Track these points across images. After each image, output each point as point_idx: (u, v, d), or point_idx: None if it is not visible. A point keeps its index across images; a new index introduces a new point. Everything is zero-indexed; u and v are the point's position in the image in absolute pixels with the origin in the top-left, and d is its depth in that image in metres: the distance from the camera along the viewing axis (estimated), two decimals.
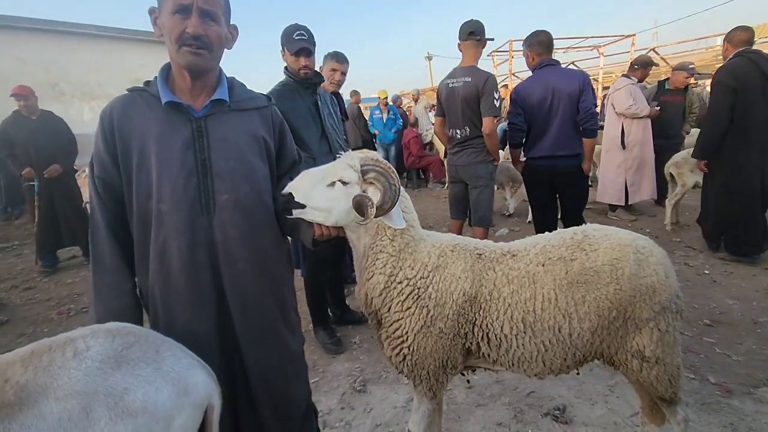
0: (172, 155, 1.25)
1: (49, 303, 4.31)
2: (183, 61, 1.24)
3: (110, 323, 1.17)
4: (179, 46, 1.22)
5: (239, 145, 1.34)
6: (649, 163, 5.32)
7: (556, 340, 1.40)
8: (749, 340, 2.77)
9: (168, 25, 1.21)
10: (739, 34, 3.89)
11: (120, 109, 1.28)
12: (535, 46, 3.42)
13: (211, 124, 1.30)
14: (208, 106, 1.31)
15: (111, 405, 1.05)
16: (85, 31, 10.52)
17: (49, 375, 1.00)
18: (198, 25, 1.19)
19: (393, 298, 1.43)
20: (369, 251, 1.42)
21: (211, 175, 1.28)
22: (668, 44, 11.97)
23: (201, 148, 1.28)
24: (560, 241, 1.49)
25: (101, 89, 10.95)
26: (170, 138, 1.26)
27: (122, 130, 1.26)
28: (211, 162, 1.28)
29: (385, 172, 1.33)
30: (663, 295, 1.37)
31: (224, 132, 1.31)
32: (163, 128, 1.26)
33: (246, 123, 1.37)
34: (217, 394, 1.37)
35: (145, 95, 1.30)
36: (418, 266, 1.42)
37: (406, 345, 1.44)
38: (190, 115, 1.29)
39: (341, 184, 1.32)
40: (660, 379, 1.42)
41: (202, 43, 1.22)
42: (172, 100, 1.27)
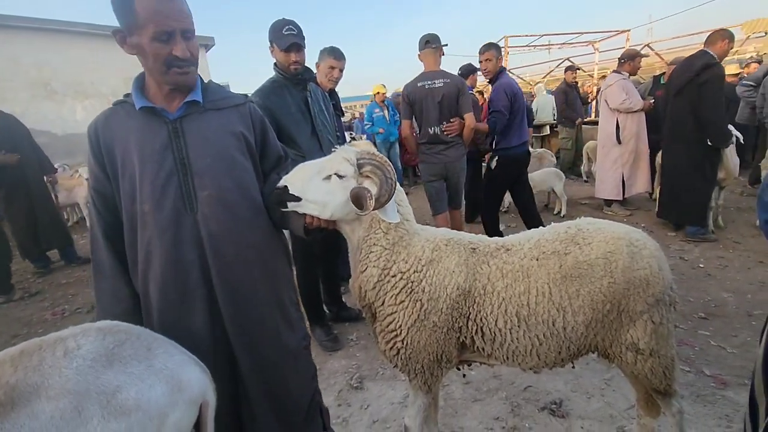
0: (151, 157, 1.29)
1: (42, 304, 4.28)
2: (172, 82, 1.28)
3: (101, 321, 1.16)
4: (167, 68, 1.25)
5: (217, 142, 1.36)
6: (644, 157, 5.36)
7: (550, 333, 1.40)
8: (744, 332, 2.79)
9: (150, 50, 1.23)
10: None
11: (103, 122, 1.35)
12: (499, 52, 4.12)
13: (186, 124, 1.33)
14: (182, 108, 1.34)
15: (103, 403, 1.04)
16: (78, 29, 10.40)
17: (39, 374, 0.99)
18: (184, 49, 1.24)
19: (387, 292, 1.43)
20: (363, 244, 1.43)
21: (191, 173, 1.32)
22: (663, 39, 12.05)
23: (179, 148, 1.31)
24: (554, 235, 1.49)
25: (94, 88, 10.86)
26: (148, 141, 1.30)
27: (106, 141, 1.32)
28: (190, 160, 1.32)
29: (382, 165, 1.35)
30: (656, 288, 1.37)
31: (200, 131, 1.34)
32: (141, 133, 1.31)
33: (223, 121, 1.39)
34: (211, 391, 1.36)
35: (126, 106, 1.35)
36: (411, 260, 1.42)
37: (399, 339, 1.44)
38: (165, 118, 1.32)
39: (337, 178, 1.34)
40: (654, 371, 1.43)
41: (190, 63, 1.28)
42: (146, 104, 1.30)
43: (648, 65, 10.07)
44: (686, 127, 4.36)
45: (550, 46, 11.32)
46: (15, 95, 9.58)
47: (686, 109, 4.32)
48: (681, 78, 4.38)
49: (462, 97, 3.60)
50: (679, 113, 4.43)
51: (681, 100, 4.38)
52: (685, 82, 4.31)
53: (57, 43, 10.14)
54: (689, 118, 4.30)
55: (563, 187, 5.76)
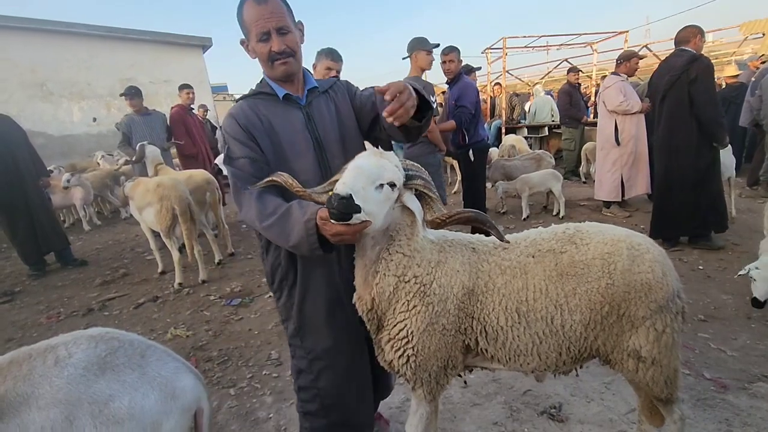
0: (295, 137, 1.52)
1: (38, 307, 4.24)
2: (278, 73, 1.50)
3: (93, 329, 1.14)
4: (271, 63, 1.48)
5: (333, 122, 1.60)
6: (643, 158, 5.34)
7: (549, 331, 1.40)
8: (743, 335, 2.78)
9: (258, 50, 1.48)
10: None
11: (247, 110, 1.53)
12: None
13: (312, 109, 1.58)
14: (305, 95, 1.58)
15: (95, 413, 1.02)
16: (74, 30, 10.36)
17: (29, 384, 0.97)
18: (279, 43, 1.44)
19: (400, 299, 1.40)
20: (384, 254, 1.38)
21: (325, 150, 1.55)
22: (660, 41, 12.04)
23: (312, 130, 1.55)
24: (551, 234, 1.50)
25: (90, 89, 10.82)
26: (290, 124, 1.53)
27: (260, 126, 1.50)
28: (322, 139, 1.55)
29: (429, 178, 1.39)
30: (659, 294, 1.35)
31: (321, 113, 1.59)
32: (284, 117, 1.53)
33: (332, 100, 1.64)
34: (206, 398, 1.34)
35: (264, 97, 1.56)
36: (424, 263, 1.40)
37: (410, 346, 1.41)
38: (298, 104, 1.56)
39: (389, 188, 1.26)
40: (656, 380, 1.41)
41: (287, 54, 1.47)
42: (288, 93, 1.54)
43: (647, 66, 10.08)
44: (679, 130, 4.10)
45: (548, 47, 11.32)
46: (10, 96, 9.55)
47: (674, 112, 4.10)
48: (663, 80, 4.16)
49: None
50: (667, 118, 4.18)
51: (666, 104, 4.16)
52: (670, 84, 4.08)
53: (53, 43, 10.11)
54: (681, 120, 4.07)
55: (561, 188, 5.75)
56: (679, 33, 4.15)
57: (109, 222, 8.15)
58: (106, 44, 10.80)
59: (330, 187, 1.37)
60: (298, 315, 1.61)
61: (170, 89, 10.69)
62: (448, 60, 4.36)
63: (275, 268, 1.63)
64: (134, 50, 11.28)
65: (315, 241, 1.27)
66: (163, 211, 4.12)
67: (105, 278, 4.84)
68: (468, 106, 4.25)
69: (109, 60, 10.85)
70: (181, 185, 4.34)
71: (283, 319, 1.69)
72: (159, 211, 4.14)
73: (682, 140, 4.12)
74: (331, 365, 1.62)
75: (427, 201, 1.36)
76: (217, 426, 2.31)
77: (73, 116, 10.64)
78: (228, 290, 4.19)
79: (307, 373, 1.65)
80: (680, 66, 4.01)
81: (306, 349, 1.63)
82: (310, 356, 1.63)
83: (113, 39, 10.95)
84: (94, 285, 4.70)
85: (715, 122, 3.97)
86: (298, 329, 1.63)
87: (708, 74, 3.97)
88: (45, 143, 9.41)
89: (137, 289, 4.50)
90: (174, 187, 4.21)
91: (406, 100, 1.20)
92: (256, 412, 2.41)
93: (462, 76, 4.48)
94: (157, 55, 11.68)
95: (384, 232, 1.36)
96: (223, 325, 3.50)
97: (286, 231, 1.32)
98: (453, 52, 4.36)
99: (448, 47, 4.38)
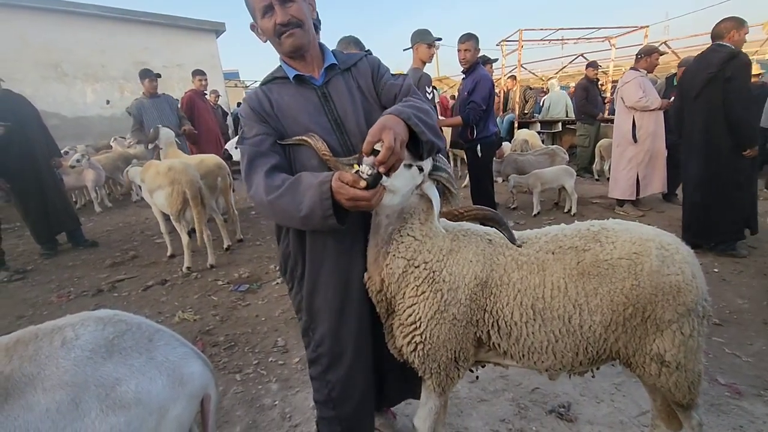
0: (307, 120, 1.44)
1: (49, 285, 4.29)
2: (286, 47, 1.40)
3: (101, 311, 1.12)
4: (278, 37, 1.38)
5: (356, 102, 1.50)
6: (660, 156, 5.21)
7: (566, 330, 1.36)
8: (759, 340, 2.71)
9: (264, 27, 1.39)
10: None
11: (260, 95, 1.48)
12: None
13: (331, 89, 1.48)
14: (323, 74, 1.48)
15: (102, 396, 1.01)
16: (88, 11, 10.36)
17: (35, 365, 0.95)
18: (283, 13, 1.34)
19: (409, 283, 1.41)
20: (396, 234, 1.41)
21: (346, 132, 1.46)
22: (680, 38, 11.73)
23: (330, 111, 1.46)
24: (574, 231, 1.45)
25: (104, 71, 10.85)
26: (302, 106, 1.45)
27: (270, 110, 1.45)
28: (342, 120, 1.46)
29: (453, 177, 1.42)
30: (689, 296, 1.30)
31: (341, 93, 1.48)
32: (294, 99, 1.46)
33: (354, 79, 1.54)
34: (213, 384, 1.32)
35: (279, 81, 1.50)
36: (435, 250, 1.41)
37: (418, 333, 1.41)
38: (313, 85, 1.47)
39: (417, 169, 1.32)
40: (679, 385, 1.36)
41: (293, 24, 1.37)
42: (298, 73, 1.45)
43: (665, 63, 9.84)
44: (714, 131, 3.89)
45: (564, 41, 11.08)
46: (25, 76, 9.61)
47: (711, 111, 3.86)
48: (698, 77, 3.92)
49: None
50: (703, 117, 3.95)
51: (703, 102, 3.93)
52: (705, 82, 3.85)
53: (67, 24, 10.13)
54: (718, 120, 3.85)
55: (573, 184, 5.64)
56: (717, 26, 3.89)
57: (120, 204, 8.21)
58: (120, 27, 10.81)
59: (356, 159, 1.35)
60: (308, 308, 1.57)
61: (183, 73, 10.69)
62: (464, 49, 4.24)
63: (286, 257, 1.58)
64: (148, 33, 11.28)
65: (329, 207, 1.21)
66: (174, 195, 4.11)
67: (115, 260, 4.88)
68: (479, 101, 4.17)
69: (123, 43, 10.86)
70: (193, 169, 4.33)
71: (297, 310, 1.66)
72: (170, 194, 4.13)
73: (721, 143, 3.89)
74: (339, 359, 1.57)
75: (447, 195, 1.39)
76: (223, 411, 2.31)
77: (87, 98, 10.69)
78: (236, 276, 4.19)
79: (317, 365, 1.62)
80: (717, 63, 3.77)
81: (316, 341, 1.59)
82: (319, 350, 1.59)
83: (127, 21, 10.95)
84: (104, 266, 4.74)
85: (745, 122, 3.79)
86: (309, 321, 1.59)
87: (745, 72, 3.78)
88: (58, 124, 9.47)
89: (146, 271, 4.52)
90: (185, 171, 4.20)
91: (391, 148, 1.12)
92: (261, 398, 2.41)
93: (478, 66, 4.38)
94: (170, 39, 11.67)
95: (399, 213, 1.40)
96: (231, 310, 3.50)
97: (297, 199, 1.25)
98: (470, 40, 4.23)
99: (466, 35, 4.26)
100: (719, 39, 3.88)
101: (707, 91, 3.89)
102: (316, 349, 1.60)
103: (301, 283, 1.56)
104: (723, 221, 4.02)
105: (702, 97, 3.94)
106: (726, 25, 3.84)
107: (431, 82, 3.98)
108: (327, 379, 1.60)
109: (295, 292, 1.61)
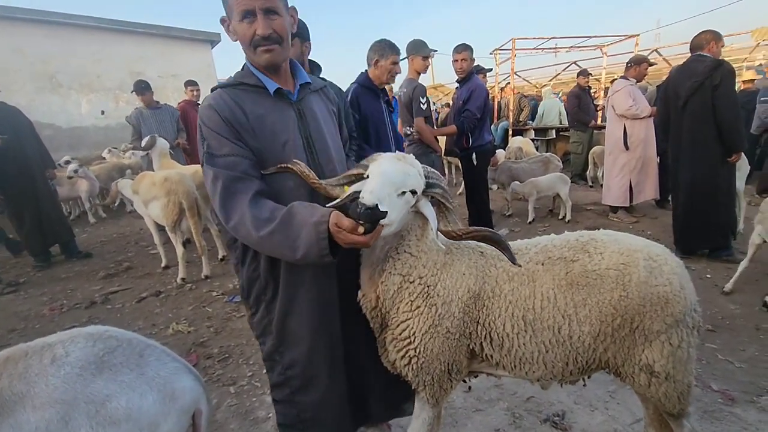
0: (287, 137, 1.39)
1: (41, 298, 4.26)
2: (261, 61, 1.35)
3: (91, 327, 1.12)
4: (254, 48, 1.33)
5: (328, 123, 1.53)
6: (652, 163, 5.28)
7: (556, 340, 1.37)
8: (752, 346, 2.73)
9: (239, 31, 1.32)
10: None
11: (230, 102, 1.36)
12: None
13: (304, 106, 1.47)
14: (298, 90, 1.46)
15: (92, 413, 1.00)
16: (83, 22, 10.39)
17: (25, 383, 0.95)
18: (265, 26, 1.28)
19: (403, 298, 1.41)
20: (392, 252, 1.39)
21: (315, 151, 1.45)
22: (671, 45, 11.89)
23: (304, 128, 1.43)
24: (564, 242, 1.46)
25: (99, 81, 10.86)
26: (282, 122, 1.40)
27: (245, 123, 1.35)
28: (313, 139, 1.45)
29: (446, 188, 1.38)
30: (677, 307, 1.31)
31: (314, 111, 1.48)
32: (275, 114, 1.40)
33: (324, 101, 1.57)
34: (204, 399, 1.32)
35: (246, 87, 1.40)
36: (430, 264, 1.41)
37: (412, 347, 1.41)
38: (290, 100, 1.44)
39: (410, 194, 1.27)
40: (669, 395, 1.37)
41: (273, 40, 1.32)
42: (279, 87, 1.40)
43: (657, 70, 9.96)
44: (704, 138, 3.96)
45: (557, 49, 11.21)
46: (20, 87, 9.60)
47: (699, 118, 3.95)
48: (684, 86, 4.00)
49: (413, 103, 4.01)
50: (692, 125, 4.02)
51: (690, 110, 4.01)
52: (692, 90, 3.94)
53: (63, 35, 10.15)
54: (705, 127, 3.93)
55: (568, 191, 5.69)
56: (697, 38, 4.04)
57: (114, 215, 8.18)
58: (115, 37, 10.84)
59: (345, 180, 1.38)
60: (279, 331, 1.49)
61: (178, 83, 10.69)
62: (460, 59, 4.34)
63: (252, 281, 1.50)
64: (143, 44, 11.32)
65: (326, 246, 1.17)
66: (171, 206, 4.12)
67: (109, 271, 4.85)
68: (473, 110, 4.26)
69: (118, 53, 10.89)
70: (189, 180, 4.34)
71: (258, 335, 1.57)
72: (166, 205, 4.13)
73: (710, 149, 3.98)
74: (311, 380, 1.52)
75: (443, 210, 1.35)
76: (216, 424, 2.30)
77: (82, 108, 10.68)
78: (230, 287, 4.17)
79: (285, 388, 1.56)
80: (703, 71, 3.87)
81: (284, 364, 1.52)
82: (288, 372, 1.53)
83: (123, 32, 10.99)
84: (97, 278, 4.71)
85: (734, 128, 3.87)
86: (278, 344, 1.52)
87: (731, 79, 3.92)
88: (53, 135, 9.46)
89: (140, 283, 4.50)
90: (181, 181, 4.21)
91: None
92: (255, 411, 2.39)
93: (473, 75, 4.47)
94: (165, 49, 11.71)
95: (395, 234, 1.36)
96: (225, 321, 3.49)
97: (291, 237, 1.20)
98: (466, 50, 4.33)
99: (461, 45, 4.36)
100: (699, 50, 4.03)
101: (695, 99, 3.98)
102: (284, 372, 1.53)
103: (270, 307, 1.49)
104: (715, 226, 4.10)
105: (690, 105, 4.03)
106: (706, 37, 3.99)
107: (426, 92, 4.08)
108: (296, 401, 1.54)
109: (260, 317, 1.52)
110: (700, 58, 3.99)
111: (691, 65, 4.05)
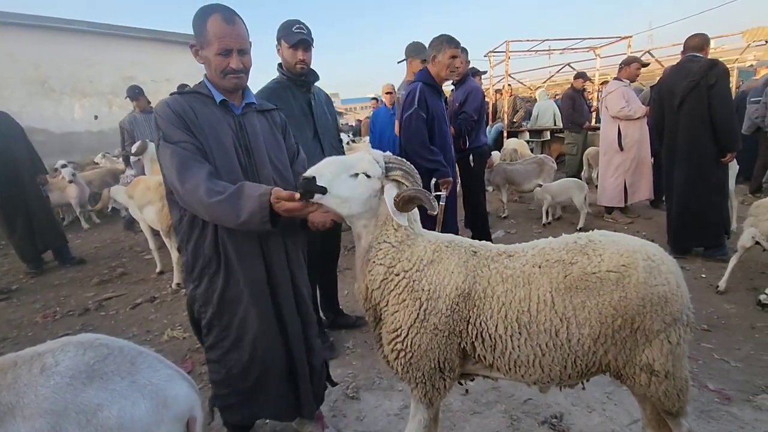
0: (224, 138, 1.65)
1: (34, 305, 4.20)
2: (229, 85, 1.66)
3: (82, 335, 1.10)
4: (224, 75, 1.63)
5: (265, 136, 1.78)
6: (646, 163, 5.31)
7: (553, 344, 1.36)
8: (747, 345, 2.74)
9: (214, 61, 1.61)
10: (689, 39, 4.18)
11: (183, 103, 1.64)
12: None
13: (246, 120, 1.74)
14: (243, 106, 1.75)
15: (83, 423, 0.99)
16: (76, 27, 10.35)
17: (14, 393, 0.93)
18: (238, 62, 1.63)
19: (390, 291, 1.45)
20: (374, 242, 1.47)
21: (255, 160, 1.71)
22: (663, 46, 11.99)
23: (242, 138, 1.70)
24: (561, 244, 1.46)
25: (92, 86, 10.80)
26: (221, 125, 1.66)
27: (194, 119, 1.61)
28: (252, 149, 1.71)
29: (411, 170, 1.48)
30: (675, 306, 1.31)
31: (254, 126, 1.75)
32: (215, 118, 1.66)
33: (267, 120, 1.84)
34: (198, 406, 1.31)
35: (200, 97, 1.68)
36: (414, 259, 1.45)
37: (399, 339, 1.44)
38: (233, 112, 1.71)
39: (365, 177, 1.41)
40: (669, 393, 1.37)
41: (241, 72, 1.66)
42: (224, 99, 1.69)
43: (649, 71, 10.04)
44: (699, 137, 4.00)
45: (551, 51, 11.27)
46: (12, 92, 9.53)
47: (695, 118, 3.98)
48: (680, 86, 4.04)
49: None
50: (687, 125, 4.05)
51: (686, 110, 4.04)
52: (688, 89, 3.97)
53: (55, 40, 10.09)
54: (701, 126, 3.97)
55: (584, 198, 5.38)
56: (692, 39, 4.11)
57: (108, 220, 8.11)
58: (108, 42, 10.79)
59: None
60: (219, 300, 1.71)
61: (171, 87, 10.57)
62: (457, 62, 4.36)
63: (197, 257, 1.70)
64: (136, 48, 11.28)
65: (267, 215, 1.44)
66: (165, 210, 4.09)
67: (102, 277, 4.81)
68: (470, 112, 4.26)
69: (111, 58, 10.84)
70: None
71: (200, 305, 1.77)
72: (161, 209, 4.11)
73: (706, 148, 4.01)
74: (242, 340, 1.74)
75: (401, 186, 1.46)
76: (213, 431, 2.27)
77: (75, 113, 10.61)
78: None
79: (218, 349, 1.78)
80: (698, 71, 3.92)
81: (221, 327, 1.75)
82: (223, 333, 1.76)
83: (115, 37, 10.94)
84: (91, 284, 4.67)
85: (729, 127, 3.91)
86: (218, 312, 1.73)
87: (726, 79, 3.94)
88: (46, 140, 9.38)
89: (135, 288, 4.46)
90: None
91: None
92: None
93: (469, 78, 4.48)
94: (158, 54, 11.68)
95: (375, 222, 1.48)
96: None
97: (237, 206, 1.45)
98: (462, 53, 4.32)
99: None
100: (697, 51, 4.08)
101: (690, 98, 4.00)
102: (219, 334, 1.76)
103: (213, 279, 1.70)
104: (710, 226, 4.13)
105: (685, 104, 4.05)
106: (703, 39, 4.09)
107: None
108: (228, 359, 1.77)
109: (204, 289, 1.73)
110: (694, 59, 4.05)
111: (686, 65, 4.10)
